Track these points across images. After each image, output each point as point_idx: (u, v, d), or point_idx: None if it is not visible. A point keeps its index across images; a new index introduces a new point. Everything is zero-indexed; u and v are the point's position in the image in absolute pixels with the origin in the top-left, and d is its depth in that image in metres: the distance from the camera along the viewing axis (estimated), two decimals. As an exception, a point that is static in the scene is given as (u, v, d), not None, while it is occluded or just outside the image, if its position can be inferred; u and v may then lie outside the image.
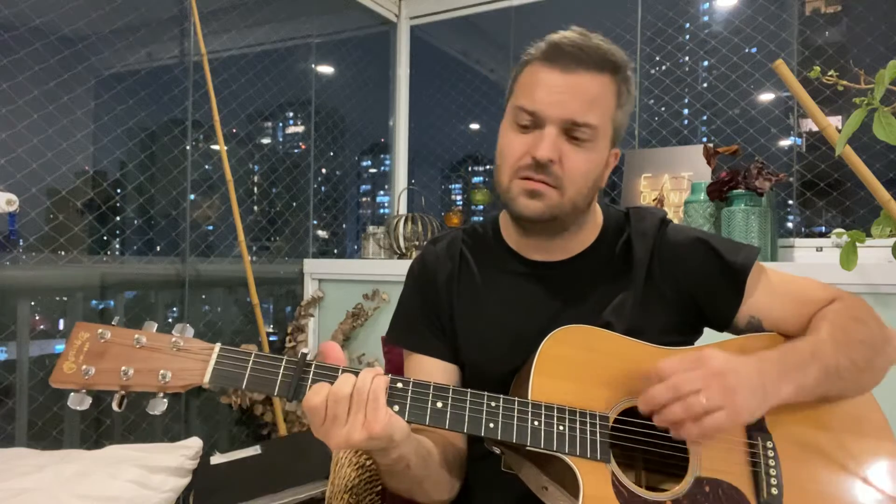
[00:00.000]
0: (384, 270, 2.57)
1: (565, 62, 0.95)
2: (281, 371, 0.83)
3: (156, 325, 0.83)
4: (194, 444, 1.64)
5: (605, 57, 0.96)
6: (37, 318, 2.03)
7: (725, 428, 0.82)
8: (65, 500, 1.37)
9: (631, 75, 1.01)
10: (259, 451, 1.91)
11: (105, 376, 0.79)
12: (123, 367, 0.79)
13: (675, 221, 2.17)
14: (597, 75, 0.95)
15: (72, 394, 0.79)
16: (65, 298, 2.08)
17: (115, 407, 0.80)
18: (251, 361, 0.83)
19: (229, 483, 1.77)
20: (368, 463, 1.19)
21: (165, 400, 0.81)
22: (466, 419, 0.86)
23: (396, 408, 0.84)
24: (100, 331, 0.81)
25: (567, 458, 0.86)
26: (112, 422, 2.10)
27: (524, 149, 0.96)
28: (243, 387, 0.82)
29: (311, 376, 0.83)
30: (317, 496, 1.83)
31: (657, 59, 2.62)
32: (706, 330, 1.11)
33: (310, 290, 2.74)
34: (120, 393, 0.80)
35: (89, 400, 0.80)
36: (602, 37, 0.99)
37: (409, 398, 0.85)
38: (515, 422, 0.86)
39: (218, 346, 0.84)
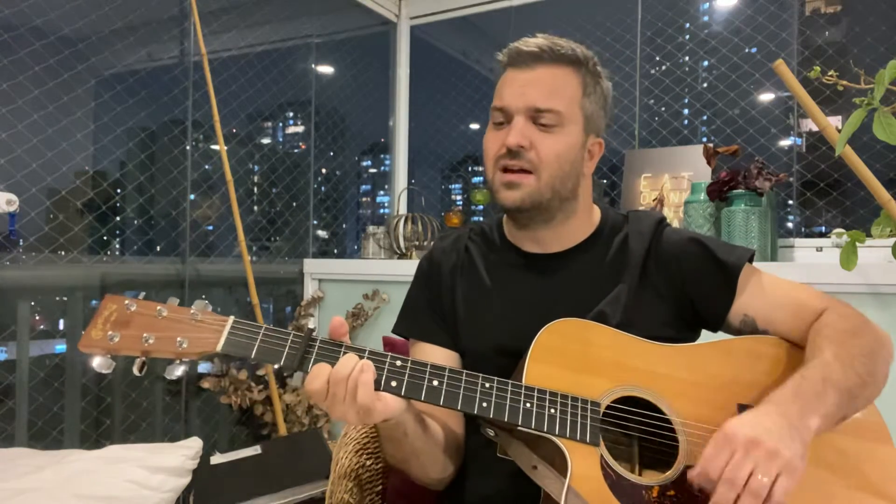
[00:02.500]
0: (384, 270, 2.57)
1: (524, 60, 1.05)
2: (288, 344, 0.89)
3: (178, 301, 0.91)
4: (194, 444, 1.64)
5: (563, 53, 1.05)
6: (37, 318, 2.03)
7: (794, 487, 0.79)
8: (65, 500, 1.37)
9: (599, 70, 1.08)
10: (259, 451, 1.91)
11: (129, 342, 0.86)
12: (145, 335, 0.86)
13: (675, 222, 2.17)
14: (556, 67, 1.05)
15: (98, 358, 0.87)
16: (65, 298, 2.08)
17: (135, 371, 0.87)
18: (261, 333, 0.89)
19: (229, 483, 1.77)
20: (369, 463, 1.19)
21: (182, 366, 0.88)
22: (461, 397, 0.89)
23: (394, 384, 0.88)
24: (126, 302, 0.89)
25: (557, 440, 0.88)
26: (112, 422, 2.10)
27: (499, 142, 1.04)
28: (252, 356, 0.87)
29: (315, 350, 0.88)
30: (317, 496, 1.83)
31: (657, 59, 2.62)
32: (704, 330, 1.12)
33: (310, 290, 2.74)
34: (141, 358, 0.88)
35: (113, 364, 0.87)
36: (567, 40, 1.07)
37: (406, 375, 0.89)
38: (508, 402, 0.89)
39: (232, 318, 0.90)
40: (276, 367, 0.97)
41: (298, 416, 2.45)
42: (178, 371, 0.88)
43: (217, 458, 1.85)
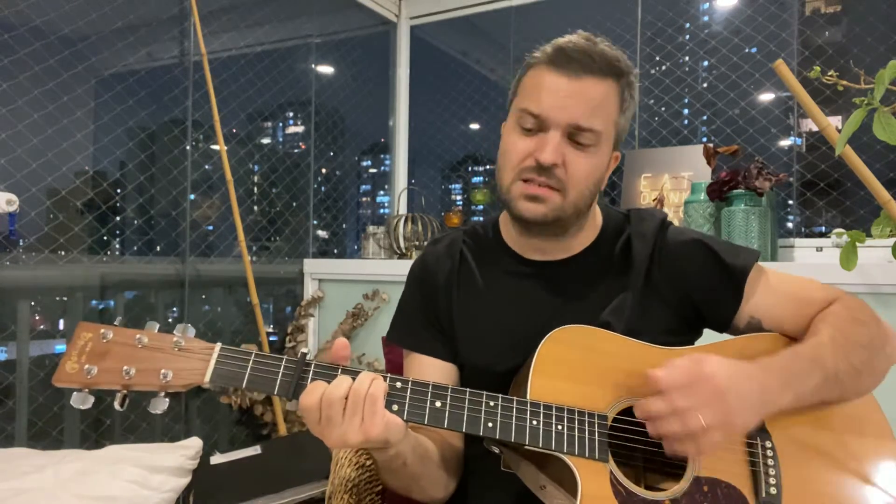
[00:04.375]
0: (384, 270, 2.57)
1: (571, 67, 0.95)
2: (281, 370, 0.84)
3: (157, 326, 0.84)
4: (194, 444, 1.64)
5: (610, 63, 0.97)
6: (37, 318, 2.03)
7: (721, 445, 0.84)
8: (65, 500, 1.37)
9: (634, 81, 1.01)
10: (259, 451, 1.91)
11: (107, 376, 0.80)
12: (125, 367, 0.80)
13: (676, 222, 2.17)
14: (601, 81, 0.96)
15: (75, 393, 0.80)
16: (65, 298, 2.08)
17: (117, 406, 0.81)
18: (251, 361, 0.84)
19: (229, 483, 1.77)
20: (368, 463, 1.19)
21: (167, 399, 0.82)
22: (465, 418, 0.86)
23: (395, 407, 0.85)
24: (102, 331, 0.82)
25: (565, 458, 0.86)
26: (112, 422, 2.10)
27: (527, 151, 0.97)
28: (244, 386, 0.83)
29: (310, 376, 0.84)
30: (317, 496, 1.83)
31: (657, 59, 2.62)
32: (707, 329, 1.11)
33: (310, 290, 2.74)
34: (122, 392, 0.81)
35: (92, 399, 0.81)
36: (607, 42, 1.00)
37: (407, 398, 0.86)
38: (514, 421, 0.86)
39: (218, 345, 0.84)
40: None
41: (298, 417, 2.44)
42: (163, 404, 0.82)
43: (217, 458, 1.85)
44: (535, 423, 0.86)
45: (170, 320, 2.35)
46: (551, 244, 1.07)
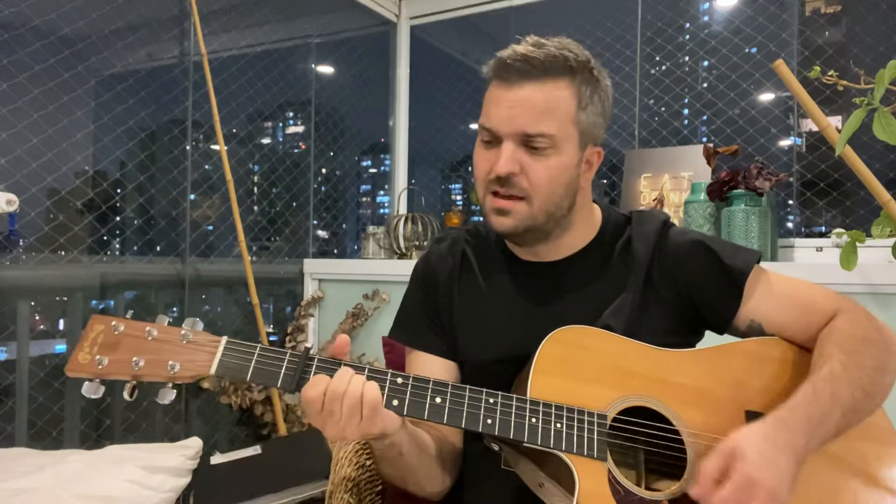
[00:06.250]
0: (384, 270, 2.57)
1: (511, 77, 0.96)
2: (284, 364, 0.86)
3: (167, 320, 0.88)
4: (194, 444, 1.64)
5: (555, 63, 0.96)
6: (37, 318, 2.03)
7: None
8: (65, 500, 1.37)
9: (597, 75, 1.00)
10: (259, 451, 1.91)
11: (117, 366, 0.83)
12: (135, 358, 0.83)
13: (676, 222, 2.17)
14: (545, 84, 0.96)
15: (86, 382, 0.84)
16: (65, 298, 2.08)
17: (126, 396, 0.84)
18: (256, 354, 0.86)
19: (229, 483, 1.77)
20: (369, 463, 1.19)
21: (174, 390, 0.85)
22: (464, 415, 0.87)
23: (395, 402, 0.86)
24: (114, 323, 0.85)
25: (564, 456, 0.87)
26: (112, 422, 2.10)
27: (489, 165, 0.99)
28: (248, 378, 0.85)
29: (313, 370, 0.86)
30: (317, 496, 1.83)
31: (657, 59, 2.62)
32: (708, 331, 1.11)
33: (310, 290, 2.74)
34: (131, 382, 0.85)
35: (102, 389, 0.84)
36: (561, 40, 0.99)
37: (408, 393, 0.87)
38: (513, 418, 0.87)
39: (224, 339, 0.87)
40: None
41: (298, 416, 2.45)
42: (171, 395, 0.85)
43: (217, 458, 1.85)
44: (534, 420, 0.87)
45: (170, 320, 2.34)
46: (541, 248, 1.07)
